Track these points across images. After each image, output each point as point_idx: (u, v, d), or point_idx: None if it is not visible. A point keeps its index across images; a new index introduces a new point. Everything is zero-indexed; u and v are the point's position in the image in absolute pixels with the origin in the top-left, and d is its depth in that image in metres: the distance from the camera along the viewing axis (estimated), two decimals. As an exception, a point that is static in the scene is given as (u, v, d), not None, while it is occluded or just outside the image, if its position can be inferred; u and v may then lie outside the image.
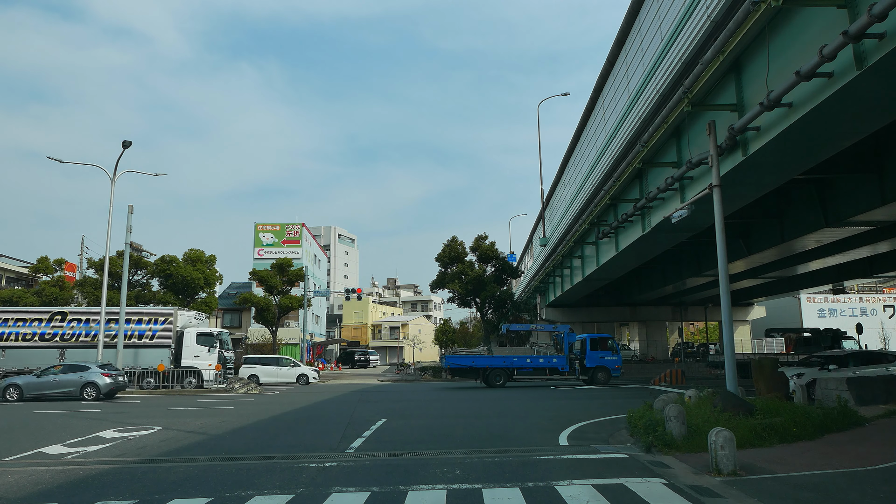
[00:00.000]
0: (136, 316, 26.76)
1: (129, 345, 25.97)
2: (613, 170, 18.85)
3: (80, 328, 26.24)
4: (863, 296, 51.31)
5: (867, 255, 24.26)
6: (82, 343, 26.11)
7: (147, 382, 25.89)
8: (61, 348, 25.89)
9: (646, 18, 16.00)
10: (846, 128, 10.35)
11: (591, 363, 27.60)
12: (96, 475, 7.95)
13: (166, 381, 26.00)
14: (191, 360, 26.47)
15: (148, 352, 26.16)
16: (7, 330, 26.14)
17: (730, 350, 12.19)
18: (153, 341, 26.27)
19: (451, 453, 9.26)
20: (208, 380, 26.39)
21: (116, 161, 27.76)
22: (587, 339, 28.44)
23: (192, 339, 26.71)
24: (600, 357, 27.75)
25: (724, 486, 6.61)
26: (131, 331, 26.17)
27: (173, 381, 26.14)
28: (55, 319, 26.37)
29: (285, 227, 60.76)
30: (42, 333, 26.08)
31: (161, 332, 26.37)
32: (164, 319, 26.62)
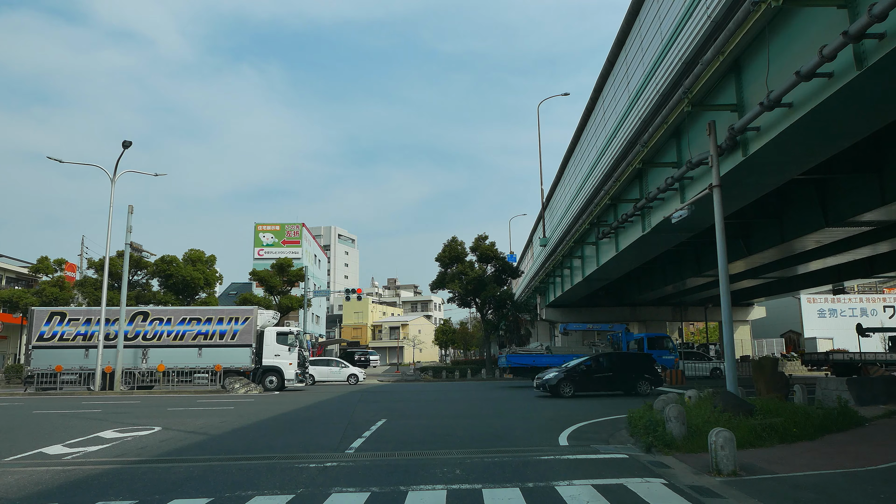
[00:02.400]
0: (218, 315, 26.82)
1: (211, 344, 26.14)
2: (613, 170, 18.84)
3: (162, 328, 26.31)
4: (863, 296, 51.25)
5: (867, 256, 24.23)
6: (165, 342, 26.16)
7: (229, 382, 25.95)
8: (144, 347, 25.98)
9: (646, 19, 15.99)
10: (846, 128, 10.34)
11: None
12: (96, 475, 7.94)
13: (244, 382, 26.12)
14: (272, 360, 26.53)
15: (231, 351, 26.22)
16: (90, 330, 26.18)
17: (730, 350, 12.18)
18: (234, 340, 26.30)
19: (451, 453, 9.26)
20: (289, 378, 26.45)
21: (116, 161, 27.77)
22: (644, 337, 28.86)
23: (273, 339, 26.76)
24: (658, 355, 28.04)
25: (724, 487, 6.61)
26: (212, 330, 26.28)
27: (254, 380, 26.30)
28: (137, 319, 26.44)
29: (285, 227, 60.76)
30: (125, 333, 26.14)
31: (242, 332, 26.40)
32: (244, 319, 26.64)
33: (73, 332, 26.05)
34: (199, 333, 26.13)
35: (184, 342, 26.09)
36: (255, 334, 26.65)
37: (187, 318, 26.47)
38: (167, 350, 26.04)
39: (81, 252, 45.29)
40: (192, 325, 26.29)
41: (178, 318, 26.53)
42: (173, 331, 26.37)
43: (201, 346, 26.07)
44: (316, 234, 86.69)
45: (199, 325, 26.19)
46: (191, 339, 26.17)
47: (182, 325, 26.20)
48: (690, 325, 57.55)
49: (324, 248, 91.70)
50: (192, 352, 25.94)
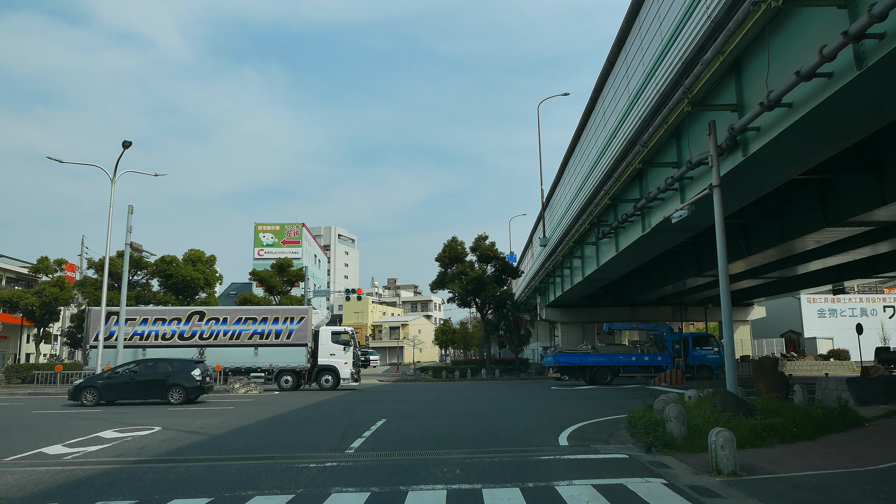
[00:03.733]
0: (273, 315, 26.90)
1: (267, 343, 26.26)
2: (613, 170, 18.84)
3: (219, 327, 26.41)
4: (863, 296, 51.22)
5: (867, 256, 24.23)
6: (221, 342, 26.26)
7: (285, 381, 26.09)
8: (200, 347, 26.10)
9: (646, 19, 15.99)
10: (846, 128, 10.34)
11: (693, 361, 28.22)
12: (96, 475, 7.94)
13: (302, 380, 26.31)
14: (327, 359, 26.67)
15: (286, 350, 26.32)
16: (147, 329, 26.29)
17: (730, 350, 12.18)
18: (290, 340, 26.42)
19: (451, 453, 9.25)
20: (345, 378, 26.57)
21: (116, 161, 27.77)
22: (689, 337, 29.01)
23: (328, 338, 26.89)
24: (702, 355, 28.21)
25: (724, 487, 6.61)
26: (268, 329, 26.40)
27: (310, 379, 26.45)
28: (193, 319, 26.54)
29: (285, 227, 60.76)
30: (181, 332, 26.27)
31: (298, 331, 26.52)
32: (299, 318, 26.75)
33: (130, 332, 26.16)
34: (255, 333, 26.31)
35: (240, 342, 26.26)
36: (311, 334, 26.82)
37: (243, 318, 26.63)
38: (224, 349, 26.20)
39: (81, 252, 45.30)
40: (248, 325, 26.46)
41: (234, 317, 26.71)
42: (229, 330, 26.48)
43: (257, 345, 26.24)
44: (316, 234, 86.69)
45: (254, 324, 26.40)
46: (247, 338, 26.32)
47: (238, 325, 26.37)
48: (690, 325, 57.54)
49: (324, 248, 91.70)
50: (249, 351, 26.14)
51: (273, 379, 26.10)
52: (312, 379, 26.49)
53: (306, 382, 26.62)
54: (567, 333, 44.66)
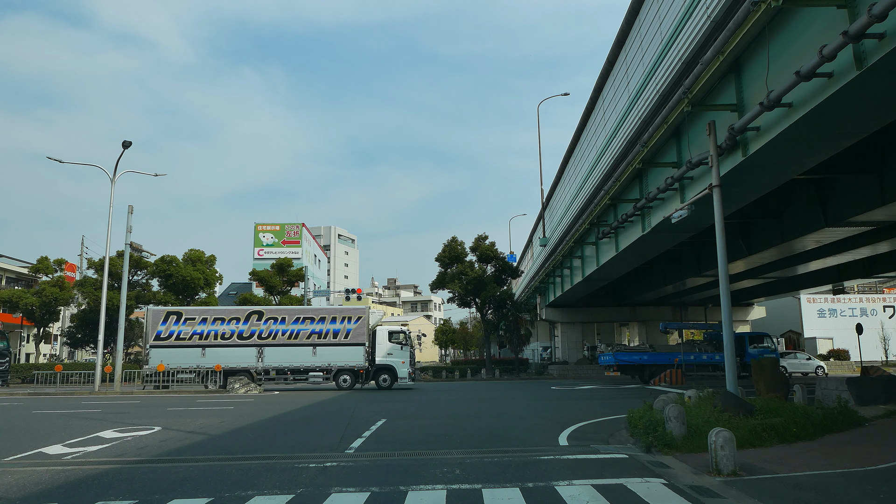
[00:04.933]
0: (331, 315, 26.90)
1: (326, 343, 26.33)
2: (613, 170, 18.84)
3: (277, 327, 26.39)
4: (863, 296, 51.21)
5: (867, 256, 24.24)
6: (280, 341, 26.26)
7: (344, 380, 26.21)
8: (259, 346, 26.14)
9: (646, 19, 15.99)
10: (846, 128, 10.35)
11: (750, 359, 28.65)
12: (96, 475, 7.94)
13: (359, 379, 26.44)
14: (384, 358, 26.79)
15: (345, 350, 26.37)
16: (206, 329, 26.26)
17: (730, 350, 12.18)
18: (348, 339, 26.41)
19: (450, 453, 9.25)
20: (402, 377, 26.72)
21: (116, 161, 27.78)
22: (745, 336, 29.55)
23: (385, 337, 27.03)
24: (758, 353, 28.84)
25: (724, 487, 6.61)
26: (326, 329, 26.41)
27: (367, 378, 26.54)
28: (252, 318, 26.52)
29: (285, 227, 60.72)
30: (240, 332, 26.26)
31: (355, 330, 26.50)
32: (357, 318, 26.73)
33: (190, 332, 26.14)
34: (313, 332, 26.33)
35: (298, 341, 26.27)
36: (368, 333, 26.89)
37: (301, 318, 26.63)
38: (283, 349, 26.19)
39: (81, 252, 45.30)
40: (307, 325, 26.46)
41: (293, 317, 26.70)
42: (288, 330, 26.43)
43: (316, 344, 26.25)
44: (316, 234, 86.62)
45: (312, 324, 26.42)
46: (305, 337, 26.34)
47: (296, 325, 26.37)
48: (690, 325, 57.47)
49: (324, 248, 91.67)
50: (307, 350, 26.18)
51: (332, 378, 26.27)
52: (370, 378, 26.64)
53: (363, 382, 26.72)
54: (567, 333, 44.68)
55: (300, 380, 26.31)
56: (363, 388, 26.78)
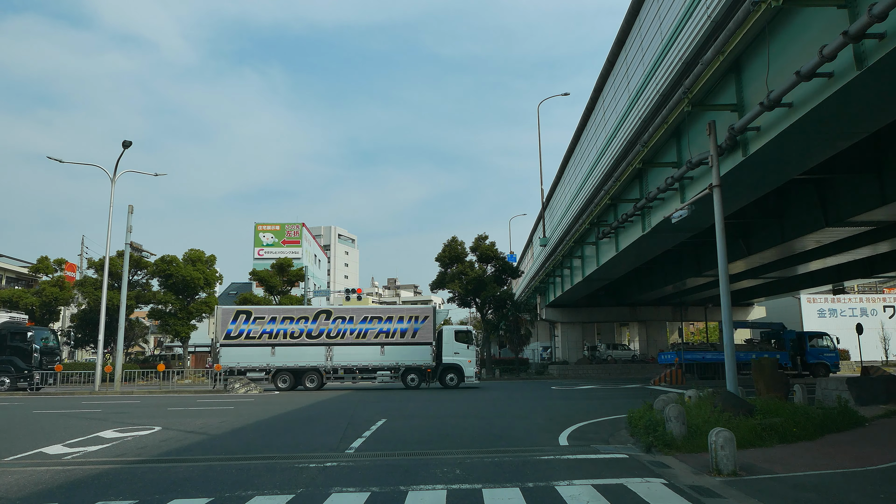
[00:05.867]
0: (398, 314, 27.08)
1: (393, 342, 26.50)
2: (613, 170, 18.83)
3: (345, 326, 26.51)
4: (863, 296, 51.19)
5: (867, 256, 24.22)
6: (348, 341, 26.39)
7: (411, 379, 26.41)
8: (328, 345, 26.30)
9: (646, 18, 15.99)
10: (846, 128, 10.34)
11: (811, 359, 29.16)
12: (96, 475, 7.94)
13: (426, 378, 26.65)
14: (451, 357, 26.92)
15: (412, 349, 26.59)
16: (276, 328, 26.38)
17: (730, 350, 12.18)
18: (415, 338, 26.59)
19: (451, 453, 9.25)
20: (469, 376, 26.88)
21: (116, 161, 27.80)
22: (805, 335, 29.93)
23: (452, 336, 27.20)
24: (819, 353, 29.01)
25: (724, 487, 6.61)
26: (394, 328, 26.57)
27: (434, 377, 26.76)
28: (320, 318, 26.64)
29: (285, 227, 60.70)
30: (309, 331, 26.40)
31: (422, 330, 26.68)
32: (424, 317, 26.92)
33: (259, 331, 26.26)
34: (381, 332, 26.50)
35: (366, 340, 26.45)
36: (434, 332, 27.04)
37: (369, 317, 26.79)
38: (351, 348, 26.35)
39: (81, 252, 45.31)
40: (374, 324, 26.62)
41: (360, 316, 26.88)
42: (356, 329, 26.56)
43: (384, 343, 26.43)
44: (316, 234, 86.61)
45: (380, 323, 26.60)
46: (373, 337, 26.50)
47: (364, 324, 26.53)
48: (690, 325, 57.51)
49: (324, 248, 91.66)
50: (375, 350, 26.35)
51: (399, 377, 26.46)
52: (437, 377, 26.83)
53: (430, 381, 26.92)
54: (567, 333, 44.67)
55: (368, 378, 26.51)
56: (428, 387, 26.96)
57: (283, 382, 25.92)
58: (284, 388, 25.75)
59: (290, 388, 25.81)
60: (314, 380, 26.14)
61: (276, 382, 26.10)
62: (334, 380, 26.71)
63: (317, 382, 26.17)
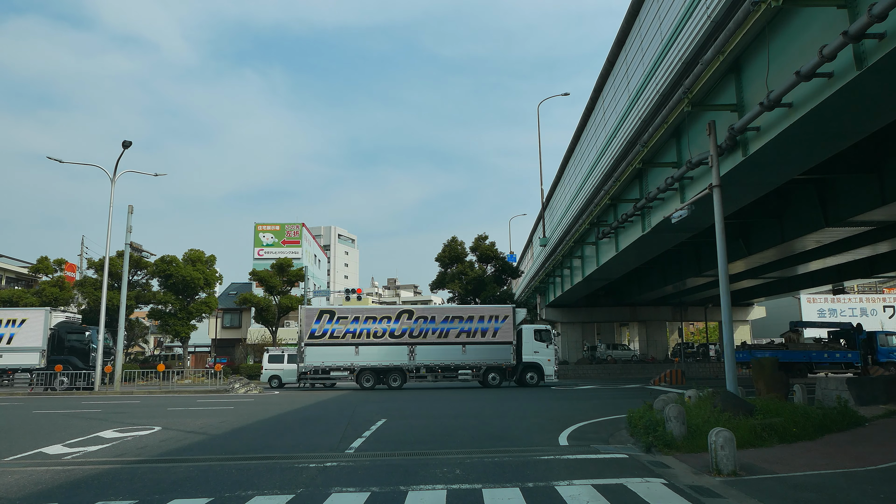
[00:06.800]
0: (479, 314, 27.22)
1: (474, 341, 26.67)
2: (613, 170, 18.83)
3: (427, 325, 26.72)
4: (863, 296, 51.23)
5: (867, 256, 24.22)
6: (431, 340, 26.57)
7: (492, 378, 26.57)
8: (411, 345, 26.45)
9: (646, 19, 15.99)
10: (846, 128, 10.34)
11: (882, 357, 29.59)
12: (96, 475, 7.94)
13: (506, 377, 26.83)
14: (531, 356, 27.20)
15: (493, 348, 26.79)
16: (359, 328, 26.56)
17: (730, 350, 12.18)
18: (496, 338, 26.77)
19: (451, 453, 9.25)
20: (548, 374, 27.18)
21: (116, 161, 27.79)
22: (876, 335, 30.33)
23: (531, 336, 27.48)
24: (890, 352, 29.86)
25: (724, 487, 6.61)
26: (475, 328, 26.78)
27: (514, 376, 26.95)
28: (402, 317, 26.84)
29: (285, 227, 60.65)
30: (392, 331, 26.57)
31: (503, 329, 26.85)
32: (504, 317, 27.06)
33: (343, 330, 26.44)
34: (462, 331, 26.71)
35: (448, 340, 26.63)
36: (515, 331, 27.15)
37: (450, 316, 26.96)
38: (433, 347, 26.56)
39: (81, 252, 45.27)
40: (456, 323, 26.81)
41: (442, 316, 27.09)
42: (438, 328, 26.77)
43: (465, 343, 26.64)
44: (316, 234, 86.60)
45: (461, 322, 26.80)
46: (454, 336, 26.68)
47: (445, 323, 26.75)
48: (690, 325, 57.52)
49: (324, 248, 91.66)
50: (457, 349, 26.57)
51: (480, 376, 26.64)
52: (517, 376, 26.99)
53: (510, 379, 27.08)
54: (567, 333, 44.67)
55: (449, 377, 26.69)
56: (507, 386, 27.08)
57: (366, 381, 26.30)
58: (368, 386, 26.11)
59: (372, 386, 26.11)
60: (397, 379, 26.47)
61: (360, 381, 26.36)
62: (416, 379, 26.94)
63: (399, 381, 26.47)
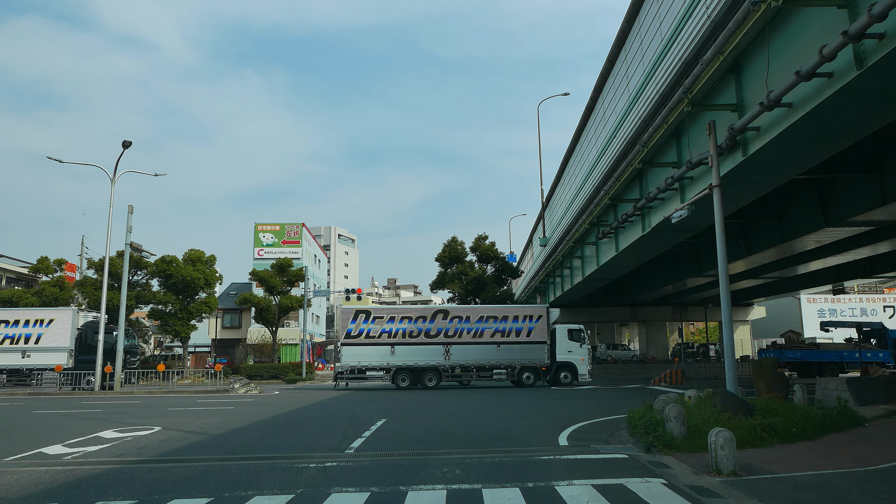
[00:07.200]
0: (513, 314, 27.32)
1: (508, 341, 26.75)
2: (613, 170, 18.83)
3: (462, 325, 26.80)
4: (863, 296, 51.19)
5: (867, 256, 24.22)
6: (465, 340, 26.67)
7: (527, 377, 26.69)
8: (446, 344, 26.53)
9: (646, 18, 15.99)
10: (846, 128, 10.34)
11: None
12: (96, 475, 7.94)
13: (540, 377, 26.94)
14: (565, 356, 27.34)
15: (527, 348, 26.87)
16: (395, 327, 26.65)
17: (730, 350, 12.17)
18: (530, 337, 26.87)
19: (450, 453, 9.25)
20: (582, 374, 27.30)
21: (116, 161, 27.79)
22: None
23: (565, 335, 27.67)
24: None
25: (723, 487, 6.61)
26: (509, 327, 26.86)
27: (548, 375, 27.04)
28: (437, 317, 26.92)
29: (285, 227, 60.63)
30: (427, 330, 26.65)
31: (537, 329, 26.95)
32: (538, 316, 27.14)
33: (379, 330, 26.51)
34: (496, 331, 26.79)
35: (483, 339, 26.71)
36: (549, 331, 27.22)
37: (485, 316, 27.03)
38: (468, 347, 26.63)
39: (81, 252, 45.27)
40: (490, 323, 26.89)
41: (476, 315, 27.12)
42: (472, 328, 26.83)
43: (500, 343, 26.71)
44: (316, 234, 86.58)
45: (495, 322, 26.88)
46: (489, 336, 26.76)
47: (480, 323, 26.83)
48: (690, 325, 57.51)
49: (324, 248, 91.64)
50: (492, 349, 26.67)
51: (515, 376, 26.70)
52: (551, 375, 27.08)
53: (543, 379, 27.15)
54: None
55: (484, 377, 26.75)
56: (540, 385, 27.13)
57: (402, 381, 26.38)
58: (404, 386, 26.24)
59: (408, 386, 26.20)
60: (432, 378, 26.54)
61: (396, 381, 26.40)
62: (451, 378, 27.00)
63: (435, 381, 26.54)
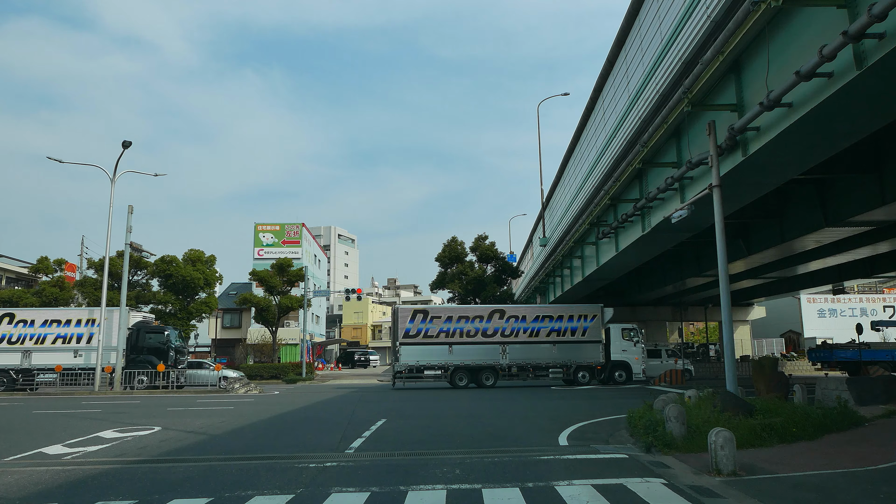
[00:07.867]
0: (568, 313, 27.53)
1: (564, 340, 27.02)
2: (613, 170, 18.82)
3: (518, 325, 26.97)
4: (863, 296, 51.19)
5: (867, 256, 24.21)
6: (521, 339, 26.82)
7: (582, 376, 26.91)
8: (503, 344, 26.71)
9: (646, 18, 15.99)
10: (846, 128, 10.33)
11: None
12: (96, 475, 7.94)
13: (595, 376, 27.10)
14: (619, 355, 27.60)
15: (582, 347, 27.12)
16: (452, 327, 26.80)
17: (730, 350, 12.17)
18: (585, 337, 27.17)
19: (450, 453, 9.25)
20: (636, 373, 27.52)
21: (116, 161, 27.79)
22: None
23: (619, 335, 27.95)
24: None
25: (723, 487, 6.61)
26: (564, 327, 27.12)
27: (602, 374, 27.23)
28: (494, 317, 27.04)
29: (285, 227, 60.61)
30: (484, 329, 26.78)
31: (591, 328, 27.22)
32: (592, 316, 27.46)
33: (437, 329, 26.68)
34: (552, 330, 27.02)
35: (539, 339, 26.88)
36: (603, 330, 27.34)
37: (540, 316, 27.22)
38: (525, 346, 26.82)
39: (81, 252, 45.27)
40: (546, 322, 27.09)
41: (532, 315, 27.33)
42: (529, 328, 26.98)
43: (555, 342, 26.98)
44: (316, 234, 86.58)
45: (551, 322, 27.12)
46: (545, 335, 26.93)
47: (536, 323, 27.01)
48: (690, 325, 57.49)
49: (324, 248, 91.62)
50: (548, 348, 26.91)
51: (570, 375, 26.86)
52: (606, 374, 27.17)
53: (598, 378, 27.24)
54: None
55: (540, 376, 26.92)
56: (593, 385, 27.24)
57: (460, 380, 26.56)
58: (462, 385, 26.40)
59: (465, 385, 26.35)
60: (489, 377, 26.67)
61: (453, 380, 26.55)
62: (508, 377, 27.11)
63: (492, 380, 26.66)
